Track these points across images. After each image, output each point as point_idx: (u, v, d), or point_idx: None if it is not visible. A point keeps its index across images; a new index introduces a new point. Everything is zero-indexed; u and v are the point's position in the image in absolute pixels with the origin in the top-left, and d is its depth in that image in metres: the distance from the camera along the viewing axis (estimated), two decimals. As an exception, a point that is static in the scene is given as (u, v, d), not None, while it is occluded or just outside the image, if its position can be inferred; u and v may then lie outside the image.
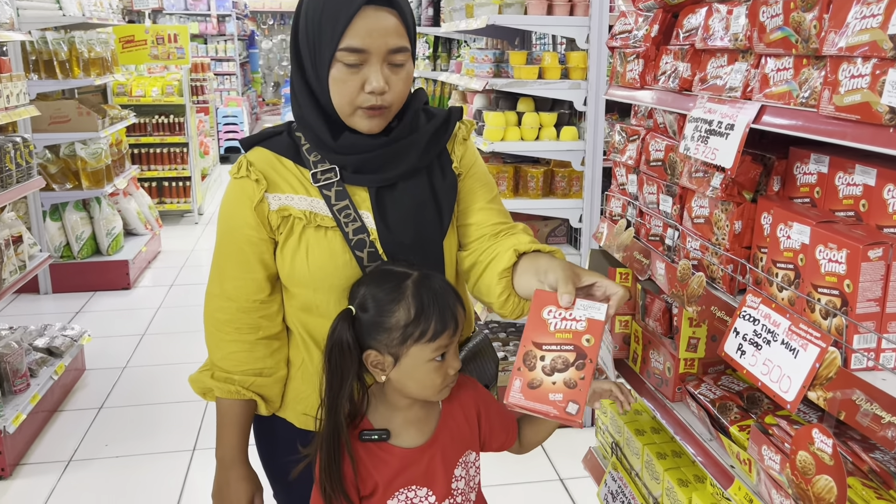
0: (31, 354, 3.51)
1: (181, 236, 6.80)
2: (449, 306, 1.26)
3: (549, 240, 3.47)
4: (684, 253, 1.53)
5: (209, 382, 1.43)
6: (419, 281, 1.27)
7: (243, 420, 1.46)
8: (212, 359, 1.44)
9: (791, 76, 1.16)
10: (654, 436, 1.83)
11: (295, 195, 1.36)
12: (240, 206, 1.36)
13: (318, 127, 1.34)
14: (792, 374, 1.10)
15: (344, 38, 1.25)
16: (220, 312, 1.41)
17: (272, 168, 1.38)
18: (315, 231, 1.35)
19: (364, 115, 1.32)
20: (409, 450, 1.32)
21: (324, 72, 1.29)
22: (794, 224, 1.17)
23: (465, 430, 1.37)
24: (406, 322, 1.24)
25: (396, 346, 1.25)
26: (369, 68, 1.28)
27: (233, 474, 1.47)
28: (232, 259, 1.39)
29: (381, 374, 1.29)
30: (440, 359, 1.26)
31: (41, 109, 4.51)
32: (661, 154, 1.63)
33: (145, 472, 3.08)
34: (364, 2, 1.24)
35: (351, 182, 1.37)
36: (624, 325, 1.81)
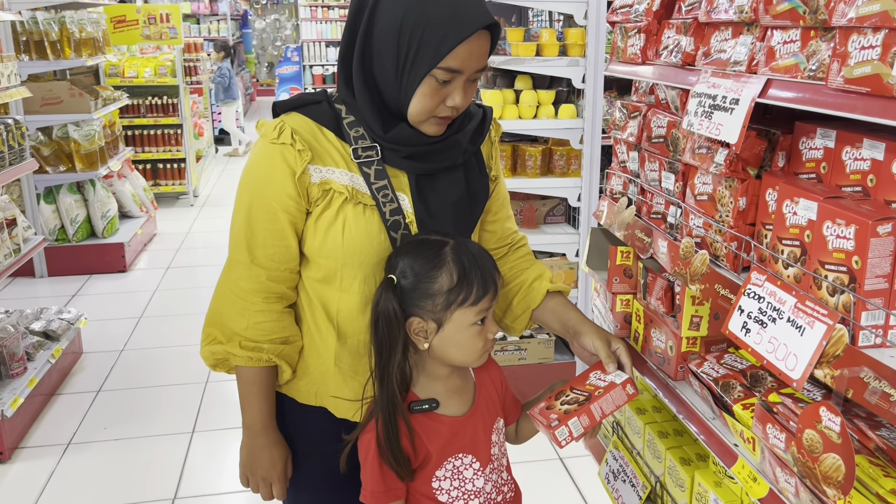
0: (28, 338, 3.49)
1: (177, 219, 6.76)
2: (489, 270, 1.31)
3: (547, 219, 3.45)
4: (687, 230, 1.51)
5: (236, 351, 1.37)
6: (458, 247, 1.31)
7: (268, 387, 1.43)
8: (233, 328, 1.38)
9: (798, 49, 1.14)
10: (656, 415, 1.82)
11: (336, 169, 1.34)
12: (279, 174, 1.32)
13: (371, 117, 1.33)
14: (798, 351, 1.09)
15: (447, 58, 1.24)
16: (246, 281, 1.36)
17: (314, 138, 1.35)
18: (354, 207, 1.34)
19: (435, 123, 1.33)
20: (456, 418, 1.37)
21: (413, 83, 1.27)
22: (801, 200, 1.15)
23: (495, 398, 1.44)
24: (449, 287, 1.28)
25: (440, 312, 1.29)
26: (455, 85, 1.29)
27: (264, 440, 1.44)
28: (265, 226, 1.34)
29: (424, 342, 1.32)
30: (481, 323, 1.31)
31: (32, 91, 4.46)
32: (664, 130, 1.61)
33: (144, 454, 3.08)
34: (479, 27, 1.24)
35: (392, 163, 1.36)
36: (625, 304, 1.80)
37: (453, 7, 1.24)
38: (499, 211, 1.56)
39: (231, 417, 3.30)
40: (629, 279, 1.80)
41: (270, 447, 1.44)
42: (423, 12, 1.24)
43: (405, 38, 1.25)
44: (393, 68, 1.28)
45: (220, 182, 8.31)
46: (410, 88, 1.28)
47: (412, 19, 1.24)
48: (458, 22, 1.23)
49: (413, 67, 1.26)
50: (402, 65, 1.27)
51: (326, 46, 13.14)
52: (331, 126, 1.36)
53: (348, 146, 1.36)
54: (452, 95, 1.29)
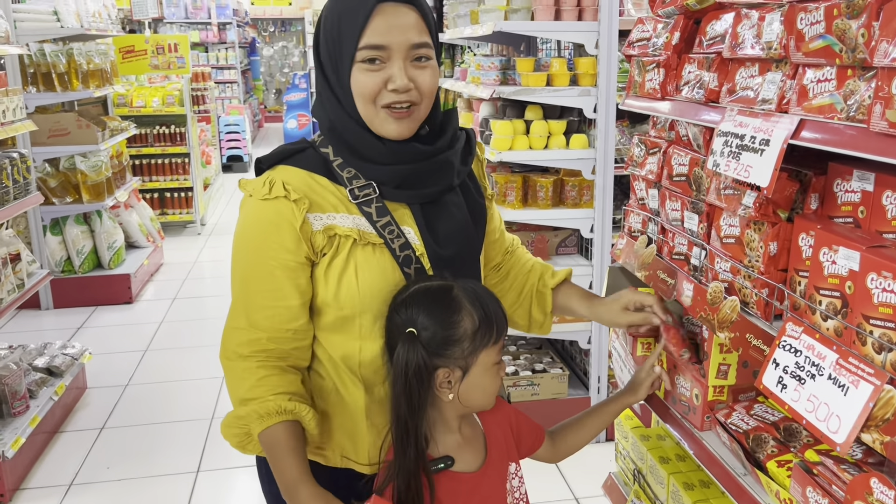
0: (31, 375, 3.43)
1: (184, 248, 6.72)
2: (498, 305, 1.29)
3: (559, 250, 3.38)
4: (713, 274, 1.44)
5: (242, 412, 1.27)
6: (466, 288, 1.27)
7: (294, 443, 1.27)
8: (239, 395, 1.28)
9: (834, 88, 1.07)
10: (680, 464, 1.73)
11: (336, 214, 1.29)
12: (274, 230, 1.26)
13: (360, 138, 1.29)
14: (842, 413, 1.01)
15: (363, 37, 1.22)
16: (244, 347, 1.28)
17: (308, 187, 1.29)
18: (363, 249, 1.28)
19: (390, 117, 1.27)
20: (472, 474, 1.31)
21: (346, 76, 1.26)
22: (840, 248, 1.07)
23: (504, 443, 1.38)
24: (473, 330, 1.24)
25: (468, 357, 1.24)
26: (392, 65, 1.24)
27: (301, 498, 1.25)
28: (261, 287, 1.28)
29: (449, 393, 1.26)
30: (500, 361, 1.29)
31: (40, 122, 4.45)
32: (685, 169, 1.54)
33: (148, 495, 3.00)
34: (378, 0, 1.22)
35: (391, 198, 1.31)
36: (646, 348, 1.72)
37: None
38: (499, 224, 1.59)
39: (237, 456, 3.20)
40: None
41: (310, 500, 1.26)
42: (334, 8, 1.27)
43: (330, 35, 1.27)
44: (334, 72, 1.28)
45: (227, 210, 8.28)
46: (346, 83, 1.26)
47: (329, 15, 1.27)
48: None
49: (342, 60, 1.26)
50: (336, 62, 1.27)
51: (334, 73, 13.16)
52: (321, 171, 1.31)
53: (343, 188, 1.30)
54: (392, 77, 1.24)
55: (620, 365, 1.83)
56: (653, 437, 1.85)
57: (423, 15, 1.26)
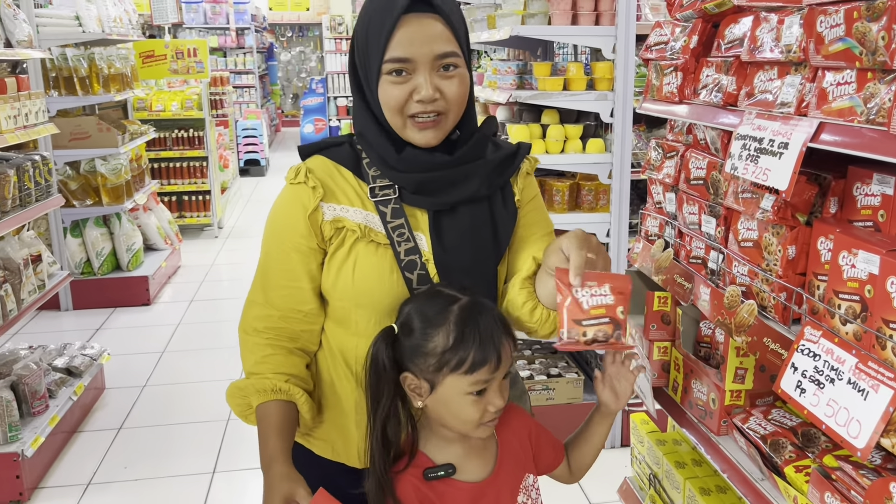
0: (51, 375, 3.46)
1: (201, 251, 6.77)
2: (492, 339, 1.19)
3: (575, 255, 3.38)
4: (730, 278, 1.43)
5: (241, 383, 1.34)
6: (466, 307, 1.20)
7: (282, 424, 1.30)
8: (246, 368, 1.36)
9: (854, 91, 1.07)
10: (696, 469, 1.72)
11: (350, 207, 1.33)
12: (292, 213, 1.32)
13: (380, 144, 1.32)
14: (862, 417, 1.01)
15: (388, 50, 1.23)
16: (259, 321, 1.36)
17: (330, 177, 1.34)
18: (366, 246, 1.31)
19: (416, 127, 1.28)
20: (476, 484, 1.27)
21: (374, 86, 1.28)
22: (860, 252, 1.07)
23: (521, 455, 1.34)
24: (444, 349, 1.18)
25: (432, 373, 1.20)
26: (417, 76, 1.25)
27: (272, 474, 1.26)
28: (278, 266, 1.35)
29: (418, 400, 1.24)
30: (477, 394, 1.19)
31: (61, 126, 4.50)
32: (703, 172, 1.54)
33: (164, 495, 3.02)
34: (402, 10, 1.22)
35: (409, 202, 1.33)
36: (663, 352, 1.72)
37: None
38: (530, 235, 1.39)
39: (253, 457, 3.21)
40: (667, 326, 1.72)
41: (279, 481, 1.26)
42: (365, 12, 1.27)
43: (360, 45, 1.28)
44: (365, 81, 1.30)
45: (244, 214, 8.33)
46: (375, 93, 1.28)
47: (360, 25, 1.28)
48: (386, 10, 1.23)
49: (370, 70, 1.27)
50: (366, 72, 1.28)
51: (351, 78, 13.24)
52: (350, 165, 1.36)
53: (366, 185, 1.34)
54: (417, 88, 1.24)
55: (637, 369, 1.83)
56: (669, 442, 1.85)
57: (450, 23, 1.25)
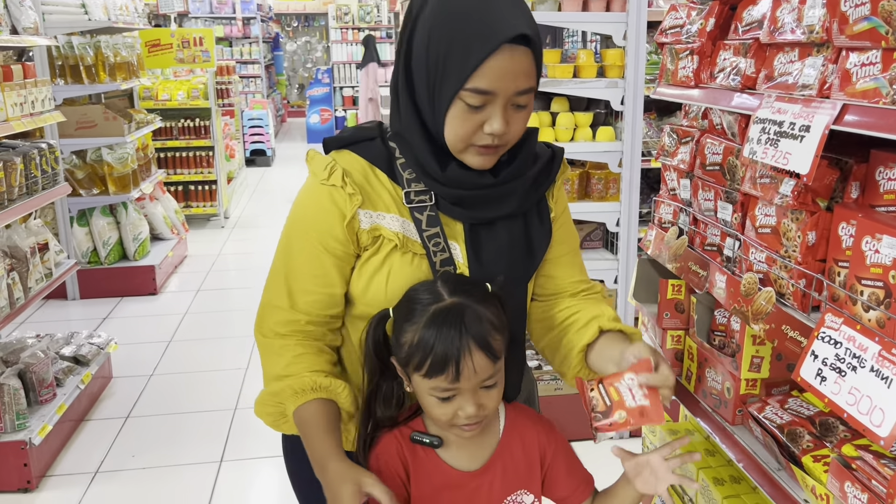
0: (58, 363, 3.46)
1: (207, 240, 6.76)
2: (453, 349, 1.12)
3: (584, 244, 3.35)
4: (747, 265, 1.41)
5: (275, 387, 1.25)
6: (441, 312, 1.15)
7: (327, 420, 1.23)
8: (274, 371, 1.27)
9: (879, 71, 1.04)
10: (710, 459, 1.70)
11: (387, 214, 1.25)
12: (326, 216, 1.24)
13: (424, 155, 1.23)
14: (886, 406, 0.98)
15: (472, 78, 1.12)
16: (283, 326, 1.27)
17: (366, 179, 1.25)
18: (402, 257, 1.25)
19: (476, 152, 1.21)
20: (457, 471, 1.24)
21: (442, 106, 1.17)
22: (885, 237, 1.04)
23: (522, 468, 1.28)
24: (409, 347, 1.17)
25: (403, 366, 1.20)
26: (492, 109, 1.15)
27: (331, 474, 1.17)
28: (307, 271, 1.26)
29: (407, 385, 1.24)
30: (442, 399, 1.17)
31: (67, 114, 4.48)
32: (719, 158, 1.51)
33: (172, 483, 3.01)
34: (503, 41, 1.10)
35: (446, 212, 1.27)
36: (676, 341, 1.70)
37: (480, 18, 1.11)
38: (557, 253, 1.37)
39: (260, 446, 3.23)
40: (681, 314, 1.70)
41: (343, 479, 1.15)
42: (448, 26, 1.13)
43: (432, 57, 1.15)
44: (426, 93, 1.19)
45: (250, 204, 8.32)
46: (441, 114, 1.18)
47: (437, 35, 1.14)
48: (483, 35, 1.10)
49: (441, 90, 1.16)
50: (432, 88, 1.17)
51: (357, 68, 13.21)
52: (383, 167, 1.27)
53: (400, 189, 1.26)
54: (490, 121, 1.16)
55: (649, 358, 1.81)
56: (681, 432, 1.83)
57: (537, 57, 1.16)
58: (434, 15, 1.16)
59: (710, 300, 1.64)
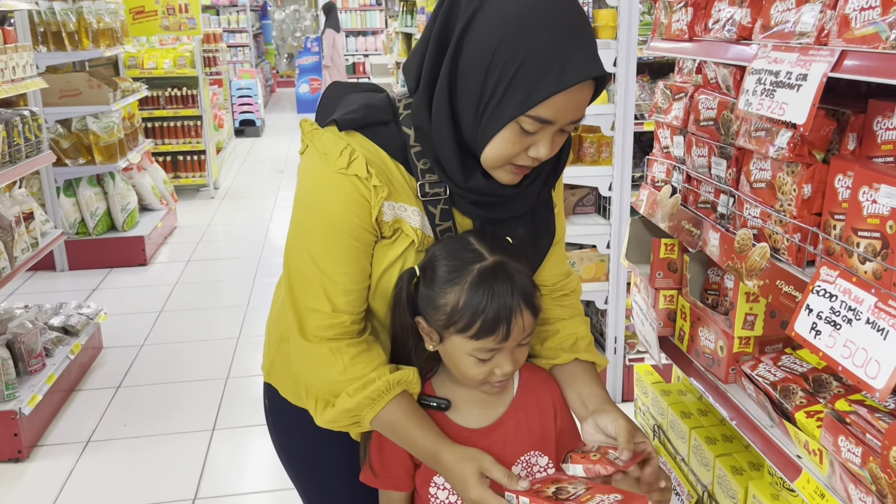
0: (47, 333, 3.43)
1: (197, 211, 6.71)
2: (505, 309, 1.12)
3: (576, 209, 3.33)
4: (741, 221, 1.39)
5: (348, 403, 1.18)
6: (487, 270, 1.13)
7: (413, 414, 1.19)
8: (332, 378, 1.20)
9: (878, 15, 1.01)
10: (702, 418, 1.70)
11: (409, 206, 1.19)
12: (358, 210, 1.15)
13: (450, 163, 1.15)
14: (881, 357, 0.97)
15: (539, 107, 1.05)
16: (328, 330, 1.19)
17: (385, 167, 1.17)
18: (418, 255, 1.20)
19: (511, 171, 1.15)
20: (466, 429, 1.23)
21: (493, 125, 1.09)
22: (882, 186, 1.02)
23: (537, 427, 1.25)
24: (453, 308, 1.13)
25: (440, 328, 1.16)
26: (542, 135, 1.10)
27: (447, 465, 1.15)
28: (344, 269, 1.18)
29: (430, 344, 1.21)
30: (482, 360, 1.16)
31: (51, 82, 4.40)
32: (713, 112, 1.48)
33: (164, 452, 3.01)
34: (582, 80, 1.04)
35: (459, 208, 1.22)
36: (669, 301, 1.68)
37: (558, 47, 1.03)
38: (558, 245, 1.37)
39: (252, 414, 3.22)
40: (674, 273, 1.68)
41: (461, 468, 1.14)
42: (520, 46, 1.03)
43: (495, 72, 1.05)
44: (474, 104, 1.09)
45: (240, 175, 8.25)
46: (490, 132, 1.10)
47: (506, 52, 1.04)
48: (561, 67, 1.03)
49: (497, 110, 1.08)
50: (486, 103, 1.08)
51: (347, 37, 13.04)
52: (398, 156, 1.19)
53: (414, 180, 1.19)
54: (537, 146, 1.10)
55: (641, 319, 1.79)
56: (673, 393, 1.82)
57: (597, 89, 1.10)
58: (504, 23, 1.04)
59: (704, 259, 1.62)
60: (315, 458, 1.43)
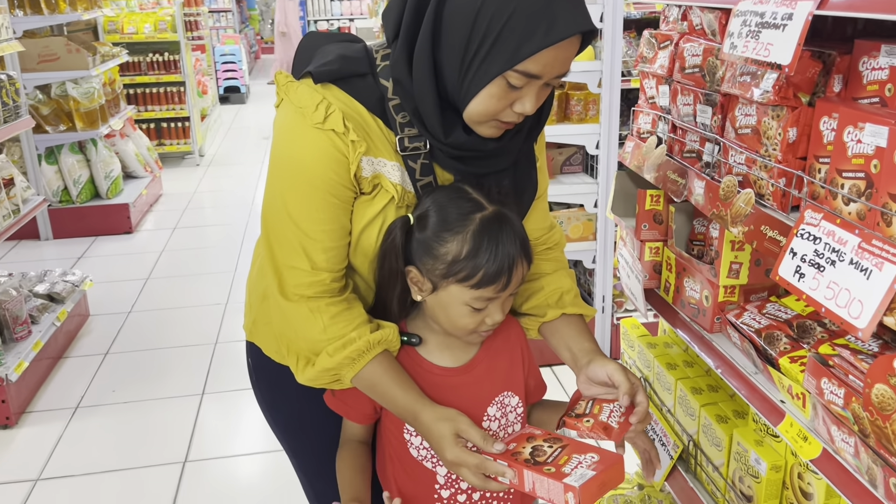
0: (32, 301, 3.41)
1: (183, 178, 6.64)
2: (508, 259, 1.12)
3: (563, 168, 3.31)
4: (726, 168, 1.37)
5: (328, 363, 1.17)
6: (489, 219, 1.13)
7: (393, 373, 1.18)
8: (310, 335, 1.18)
9: (865, -50, 0.98)
10: (688, 370, 1.70)
11: (388, 161, 1.16)
12: (335, 166, 1.12)
13: (431, 119, 1.12)
14: (864, 297, 0.96)
15: (527, 61, 1.03)
16: (308, 288, 1.17)
17: (363, 122, 1.15)
18: (397, 211, 1.18)
19: (495, 126, 1.14)
20: (439, 367, 1.23)
21: (479, 81, 1.07)
22: (867, 125, 1.01)
23: (506, 369, 1.27)
24: (454, 258, 1.12)
25: (437, 278, 1.15)
26: (528, 90, 1.08)
27: (425, 424, 1.15)
28: (322, 226, 1.15)
29: (418, 294, 1.19)
30: (477, 309, 1.16)
31: (28, 47, 4.32)
32: (699, 59, 1.46)
33: (154, 417, 3.01)
34: (570, 35, 1.03)
35: (439, 162, 1.19)
36: (654, 252, 1.67)
37: (548, 2, 1.02)
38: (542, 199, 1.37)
39: (242, 378, 3.20)
40: (659, 225, 1.67)
41: (437, 428, 1.14)
42: (511, 2, 1.01)
43: (481, 26, 1.03)
44: (459, 57, 1.07)
45: (226, 141, 8.16)
46: (475, 87, 1.08)
47: (495, 4, 1.02)
48: (551, 21, 1.01)
49: (483, 64, 1.05)
50: (472, 58, 1.06)
51: (331, 1, 12.83)
52: (377, 110, 1.16)
53: (393, 134, 1.17)
54: (523, 101, 1.09)
55: (627, 272, 1.79)
56: (659, 345, 1.82)
57: (584, 44, 1.09)
58: None
59: (689, 209, 1.61)
60: (300, 415, 1.43)
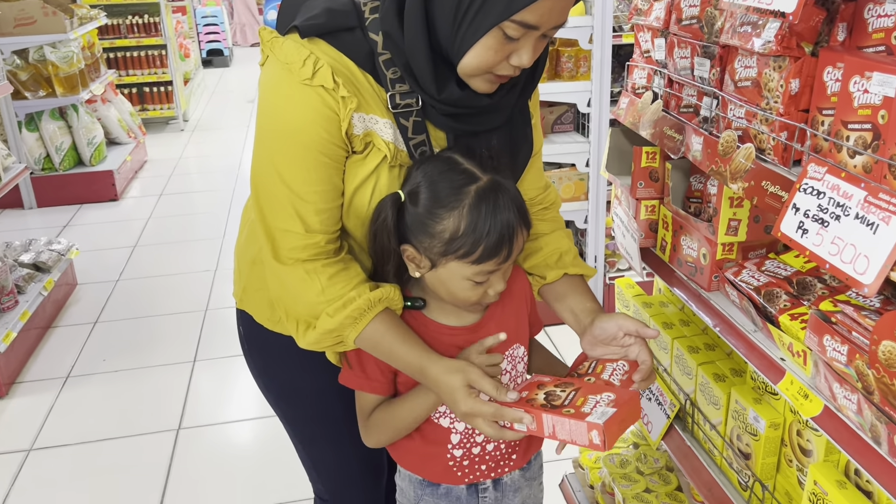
0: (17, 271, 3.36)
1: (167, 144, 6.54)
2: (508, 230, 1.10)
3: (554, 127, 3.26)
4: (725, 123, 1.34)
5: (329, 324, 1.14)
6: (485, 191, 1.09)
7: (396, 330, 1.16)
8: (308, 298, 1.15)
9: None
10: (684, 328, 1.69)
11: (380, 119, 1.12)
12: (326, 124, 1.08)
13: (424, 74, 1.08)
14: (870, 252, 0.94)
15: (522, 11, 1.00)
16: (303, 251, 1.14)
17: (353, 77, 1.10)
18: (390, 171, 1.14)
19: (490, 80, 1.09)
20: (446, 325, 1.21)
21: (474, 33, 1.03)
22: (875, 74, 0.97)
23: (513, 321, 1.25)
24: (452, 235, 1.09)
25: (435, 255, 1.12)
26: (525, 41, 1.05)
27: (433, 378, 1.13)
28: (315, 187, 1.11)
29: (416, 271, 1.16)
30: (478, 282, 1.13)
31: (4, 11, 4.20)
32: (696, 10, 1.41)
33: (146, 385, 3.00)
34: None
35: (432, 120, 1.15)
36: (650, 211, 1.64)
37: None
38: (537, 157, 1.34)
39: (234, 345, 3.19)
40: (655, 183, 1.64)
41: (447, 381, 1.12)
42: None
43: None
44: (453, 7, 1.03)
45: (210, 106, 8.02)
46: (470, 39, 1.04)
47: None
48: None
49: (479, 14, 1.02)
50: (466, 8, 1.02)
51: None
52: (366, 65, 1.11)
53: (384, 91, 1.12)
54: (519, 53, 1.05)
55: (623, 231, 1.76)
56: (655, 305, 1.81)
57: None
58: None
59: (686, 166, 1.58)
60: (294, 382, 1.41)
